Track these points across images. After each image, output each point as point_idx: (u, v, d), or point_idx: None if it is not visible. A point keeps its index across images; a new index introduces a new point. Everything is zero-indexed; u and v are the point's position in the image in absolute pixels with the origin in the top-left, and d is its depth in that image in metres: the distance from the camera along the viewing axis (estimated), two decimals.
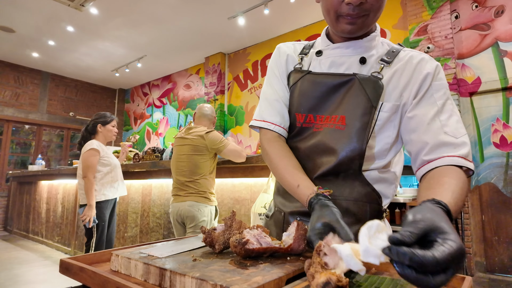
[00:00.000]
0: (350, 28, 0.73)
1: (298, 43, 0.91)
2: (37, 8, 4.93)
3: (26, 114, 7.38)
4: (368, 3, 0.71)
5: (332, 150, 0.75)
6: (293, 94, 0.83)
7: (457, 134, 0.69)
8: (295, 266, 0.57)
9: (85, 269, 0.58)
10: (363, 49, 0.78)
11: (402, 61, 0.77)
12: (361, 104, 0.73)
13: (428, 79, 0.73)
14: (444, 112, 0.71)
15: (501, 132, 3.76)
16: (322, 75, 0.79)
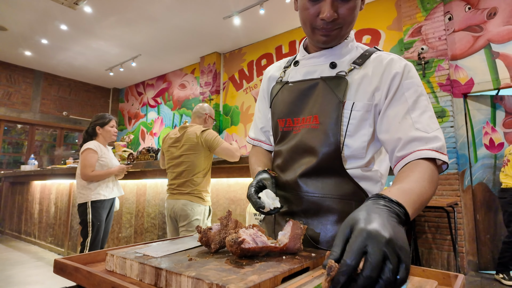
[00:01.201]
0: (325, 39, 0.80)
1: (283, 59, 1.01)
2: (30, 6, 4.88)
3: (18, 114, 7.29)
4: (340, 18, 0.76)
5: (311, 149, 0.80)
6: (275, 103, 0.91)
7: (429, 129, 0.71)
8: (291, 265, 0.58)
9: (80, 269, 0.58)
10: (335, 56, 0.85)
11: (372, 63, 0.81)
12: (330, 101, 0.79)
13: (397, 78, 0.76)
14: (416, 109, 0.73)
15: (490, 135, 3.84)
16: (296, 83, 0.87)
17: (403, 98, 0.75)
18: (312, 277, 0.55)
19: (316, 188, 0.79)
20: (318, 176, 0.80)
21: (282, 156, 0.88)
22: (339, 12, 0.75)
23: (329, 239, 0.79)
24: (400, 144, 0.72)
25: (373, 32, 4.64)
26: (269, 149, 1.01)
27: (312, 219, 0.80)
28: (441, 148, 0.69)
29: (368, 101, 0.77)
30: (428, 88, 3.87)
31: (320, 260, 0.64)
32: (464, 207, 3.65)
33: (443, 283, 0.57)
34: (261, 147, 1.02)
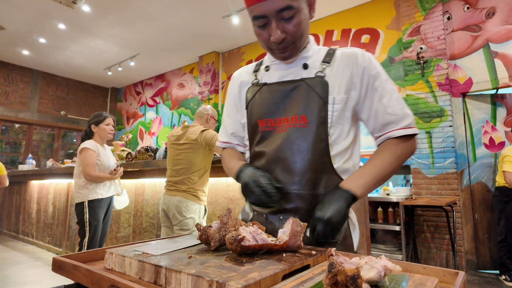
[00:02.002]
0: (282, 56, 0.86)
1: (250, 65, 1.04)
2: (28, 5, 4.86)
3: (16, 113, 7.26)
4: (289, 36, 0.81)
5: (302, 148, 0.83)
6: (253, 105, 0.93)
7: (398, 110, 0.84)
8: (291, 262, 0.57)
9: (79, 267, 0.57)
10: (304, 59, 0.90)
11: (340, 58, 0.88)
12: (315, 102, 0.84)
13: (366, 72, 0.86)
14: (385, 95, 0.85)
15: (490, 134, 3.85)
16: (276, 84, 0.90)
17: (373, 88, 0.86)
18: (312, 274, 0.54)
19: (308, 185, 0.83)
20: (309, 174, 0.83)
21: (266, 156, 0.88)
22: (286, 30, 0.80)
23: None
24: (378, 127, 0.86)
25: (372, 32, 4.64)
26: (242, 151, 1.04)
27: (304, 215, 0.82)
28: (410, 124, 0.84)
29: (345, 94, 0.85)
30: (427, 88, 3.88)
31: (320, 257, 0.63)
32: (462, 206, 3.66)
33: (444, 280, 0.56)
34: (235, 148, 1.05)
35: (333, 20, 5.06)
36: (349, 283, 0.42)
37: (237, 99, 1.01)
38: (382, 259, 0.51)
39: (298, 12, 0.79)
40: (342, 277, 0.42)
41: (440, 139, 3.73)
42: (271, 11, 0.77)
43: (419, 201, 3.40)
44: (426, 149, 3.82)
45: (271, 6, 0.76)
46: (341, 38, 4.92)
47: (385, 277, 0.50)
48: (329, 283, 0.43)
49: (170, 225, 2.33)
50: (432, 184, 3.73)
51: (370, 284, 0.48)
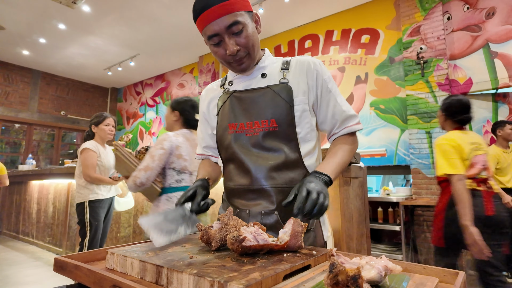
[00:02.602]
0: (240, 68, 0.94)
1: (215, 82, 1.14)
2: (28, 5, 4.86)
3: (16, 113, 7.26)
4: (242, 47, 0.90)
5: (271, 148, 0.92)
6: (224, 110, 1.00)
7: (349, 109, 0.98)
8: (292, 262, 0.57)
9: (80, 267, 0.58)
10: (260, 70, 1.00)
11: (295, 65, 0.98)
12: (283, 107, 0.92)
13: (319, 77, 0.97)
14: (337, 96, 0.98)
15: (491, 134, 3.85)
16: (244, 91, 0.98)
17: (327, 90, 0.97)
18: (313, 274, 0.55)
19: (284, 180, 0.91)
20: (284, 170, 0.92)
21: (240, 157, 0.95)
22: (239, 43, 0.89)
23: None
24: (337, 124, 0.98)
25: (372, 32, 4.64)
26: (216, 161, 1.14)
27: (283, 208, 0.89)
28: (358, 121, 0.99)
29: (303, 95, 0.95)
30: (427, 88, 3.88)
31: (321, 257, 0.64)
32: None
33: (444, 280, 0.57)
34: (209, 159, 1.15)
35: (333, 20, 5.06)
36: (350, 283, 0.42)
37: (206, 114, 1.10)
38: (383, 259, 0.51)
39: (245, 26, 0.89)
40: (343, 277, 0.42)
41: None
42: (221, 28, 0.86)
43: (419, 201, 3.41)
44: (426, 149, 3.82)
45: (221, 24, 0.86)
46: (341, 38, 4.92)
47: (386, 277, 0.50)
48: (330, 283, 0.43)
49: None
50: (432, 184, 3.74)
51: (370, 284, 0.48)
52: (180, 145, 1.82)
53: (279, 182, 0.91)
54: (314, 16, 5.13)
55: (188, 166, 1.85)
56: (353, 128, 0.98)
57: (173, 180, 1.82)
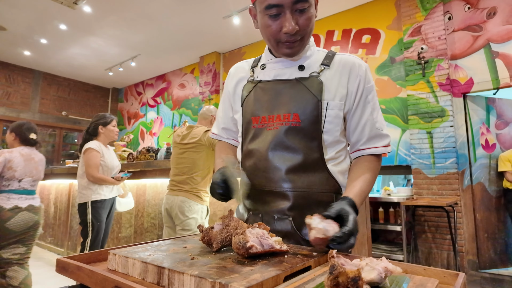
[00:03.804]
0: (289, 52, 0.85)
1: (247, 60, 1.04)
2: (29, 6, 4.87)
3: (17, 113, 7.28)
4: (301, 29, 0.81)
5: (294, 146, 0.84)
6: (248, 102, 0.93)
7: (383, 128, 0.90)
8: (293, 264, 0.58)
9: (83, 268, 0.58)
10: (301, 60, 0.90)
11: (338, 64, 0.89)
12: (309, 101, 0.84)
13: (362, 83, 0.88)
14: (375, 110, 0.90)
15: (486, 136, 3.88)
16: (271, 82, 0.91)
17: (366, 101, 0.89)
18: (314, 276, 0.55)
19: (303, 183, 0.84)
20: (303, 172, 0.84)
21: (257, 154, 0.88)
22: (299, 23, 0.80)
23: None
24: (364, 139, 0.89)
25: (372, 32, 4.64)
26: (234, 144, 1.07)
27: (300, 214, 0.83)
28: (388, 143, 0.91)
29: (340, 100, 0.86)
30: (428, 88, 3.88)
31: (321, 259, 0.64)
32: (464, 206, 3.65)
33: (444, 282, 0.57)
34: (228, 142, 1.08)
35: (334, 20, 5.06)
36: (350, 284, 0.42)
37: (231, 95, 1.01)
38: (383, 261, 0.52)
39: (310, 6, 0.80)
40: (343, 279, 0.43)
41: (441, 139, 3.73)
42: (287, 0, 0.77)
43: (420, 201, 3.40)
44: (427, 149, 3.82)
45: None
46: (342, 39, 4.92)
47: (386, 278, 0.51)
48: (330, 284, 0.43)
49: (173, 225, 2.34)
50: (433, 184, 3.73)
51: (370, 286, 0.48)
52: (13, 159, 2.38)
53: (297, 185, 0.83)
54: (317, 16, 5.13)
55: (17, 175, 2.39)
56: (380, 150, 0.89)
57: (2, 184, 2.38)
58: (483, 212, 3.74)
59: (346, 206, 0.73)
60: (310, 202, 0.84)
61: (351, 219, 0.69)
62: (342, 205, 0.72)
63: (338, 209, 0.71)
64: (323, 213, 0.70)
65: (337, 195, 0.87)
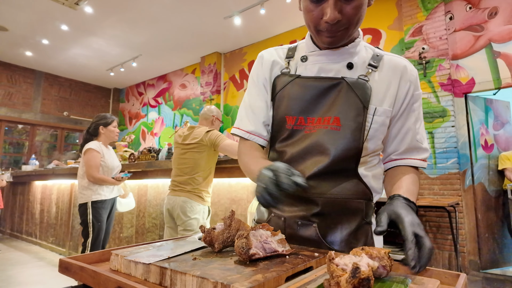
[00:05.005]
0: (330, 40, 0.76)
1: (280, 47, 0.91)
2: (31, 7, 4.89)
3: (19, 114, 7.30)
4: (345, 19, 0.72)
5: (326, 151, 0.77)
6: (282, 97, 0.83)
7: (423, 141, 0.84)
8: (294, 264, 0.58)
9: (86, 268, 0.58)
10: (348, 55, 0.80)
11: (387, 66, 0.81)
12: (353, 105, 0.76)
13: (411, 89, 0.81)
14: (419, 120, 0.84)
15: (485, 136, 3.89)
16: (312, 79, 0.80)
17: (412, 108, 0.83)
18: (315, 276, 0.55)
19: (329, 189, 0.78)
20: (330, 177, 0.78)
21: (288, 156, 0.81)
22: (344, 12, 0.71)
23: (345, 239, 0.79)
24: (401, 149, 0.84)
25: (374, 32, 4.64)
26: (264, 144, 0.88)
27: (325, 221, 0.79)
28: (426, 158, 0.85)
29: (389, 107, 0.80)
30: (429, 88, 3.87)
31: (322, 259, 0.64)
32: (465, 206, 3.65)
33: (445, 282, 0.57)
34: (257, 142, 0.87)
35: None
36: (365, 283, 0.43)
37: (267, 80, 0.87)
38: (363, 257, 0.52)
39: None
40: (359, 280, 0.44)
41: (443, 139, 3.72)
42: None
43: (422, 202, 3.39)
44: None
45: None
46: None
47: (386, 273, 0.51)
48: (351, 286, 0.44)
49: (174, 225, 2.35)
50: (434, 184, 3.73)
51: None
52: None
53: (326, 191, 0.77)
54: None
55: None
56: (415, 162, 0.83)
57: None
58: (484, 212, 3.73)
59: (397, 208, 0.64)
60: (337, 209, 0.79)
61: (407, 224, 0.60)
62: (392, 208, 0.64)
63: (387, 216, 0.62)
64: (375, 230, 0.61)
65: (367, 202, 0.82)
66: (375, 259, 0.53)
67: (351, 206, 0.80)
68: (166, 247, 0.70)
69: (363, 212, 0.81)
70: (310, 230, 0.78)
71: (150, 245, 0.74)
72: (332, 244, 0.79)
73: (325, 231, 0.79)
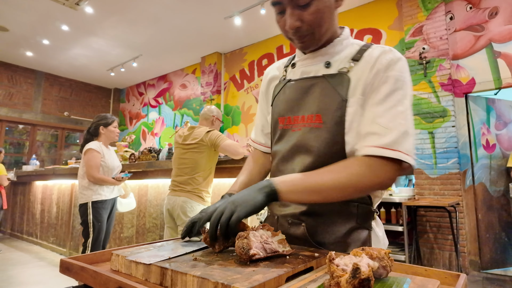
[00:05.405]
0: (301, 46, 0.80)
1: (284, 58, 0.97)
2: (32, 7, 4.89)
3: (20, 114, 7.31)
4: (305, 25, 0.74)
5: (311, 148, 0.77)
6: (276, 102, 0.89)
7: (389, 125, 0.69)
8: (294, 264, 0.58)
9: (86, 268, 0.59)
10: (328, 55, 0.82)
11: (366, 57, 0.77)
12: (333, 100, 0.76)
13: (380, 72, 0.73)
14: (385, 103, 0.71)
15: (486, 136, 3.89)
16: (298, 80, 0.85)
17: (377, 91, 0.73)
18: (315, 277, 0.55)
19: None
20: None
21: (278, 156, 0.86)
22: (303, 19, 0.74)
23: (334, 242, 0.78)
24: (358, 135, 0.73)
25: (374, 32, 4.64)
26: (267, 151, 0.99)
27: (315, 221, 0.79)
28: (391, 144, 0.67)
29: (360, 95, 0.75)
30: (430, 88, 3.87)
31: (323, 259, 0.64)
32: (465, 206, 3.65)
33: (445, 283, 0.57)
34: (260, 150, 1.01)
35: None
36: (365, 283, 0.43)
37: (264, 95, 0.98)
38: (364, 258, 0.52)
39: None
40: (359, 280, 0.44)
41: (443, 139, 3.72)
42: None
43: (422, 202, 3.40)
44: (428, 149, 3.82)
45: None
46: None
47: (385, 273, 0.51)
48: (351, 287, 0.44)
49: (174, 225, 2.35)
50: (435, 184, 3.73)
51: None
52: None
53: None
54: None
55: None
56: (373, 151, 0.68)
57: None
58: (485, 212, 3.73)
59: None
60: (326, 210, 0.78)
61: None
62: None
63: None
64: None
65: (362, 205, 0.79)
66: (375, 259, 0.53)
67: (341, 208, 0.78)
68: (167, 248, 0.70)
69: (355, 216, 0.78)
70: (299, 229, 0.79)
71: (151, 245, 0.74)
72: (322, 246, 0.78)
73: (314, 231, 0.78)
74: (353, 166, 0.69)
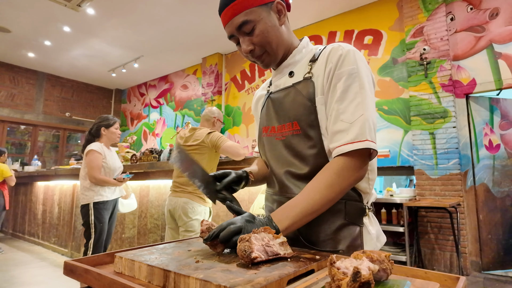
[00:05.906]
0: (263, 65, 0.89)
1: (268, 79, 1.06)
2: (34, 8, 4.91)
3: (21, 115, 7.34)
4: (257, 46, 0.84)
5: (299, 153, 0.83)
6: (262, 114, 0.98)
7: (352, 119, 0.74)
8: (296, 267, 0.59)
9: (90, 271, 0.59)
10: (291, 65, 0.91)
11: (322, 54, 0.84)
12: (304, 106, 0.82)
13: (332, 70, 0.79)
14: (345, 100, 0.76)
15: (489, 136, 3.87)
16: (276, 92, 0.92)
17: (334, 89, 0.78)
18: (317, 279, 0.56)
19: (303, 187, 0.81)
20: (307, 178, 0.80)
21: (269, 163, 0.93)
22: (253, 42, 0.83)
23: (325, 239, 0.81)
24: (328, 137, 0.79)
25: (374, 33, 4.64)
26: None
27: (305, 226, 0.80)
28: (356, 137, 0.73)
29: (321, 94, 0.81)
30: (430, 89, 3.88)
31: (324, 262, 0.65)
32: (466, 207, 3.65)
33: (445, 285, 0.58)
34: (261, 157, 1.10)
35: (335, 21, 5.06)
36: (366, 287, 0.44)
37: (254, 113, 1.09)
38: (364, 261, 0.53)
39: (258, 23, 0.81)
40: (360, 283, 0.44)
41: (444, 140, 3.73)
42: (233, 30, 0.83)
43: (423, 202, 3.40)
44: (429, 150, 3.82)
45: (231, 26, 0.82)
46: (344, 40, 4.92)
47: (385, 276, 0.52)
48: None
49: (176, 226, 2.36)
50: (435, 185, 3.73)
51: None
52: None
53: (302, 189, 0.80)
54: (317, 17, 5.14)
55: None
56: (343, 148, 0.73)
57: None
58: (486, 213, 3.73)
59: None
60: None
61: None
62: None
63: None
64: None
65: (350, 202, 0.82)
66: (375, 262, 0.54)
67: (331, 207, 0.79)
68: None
69: (344, 213, 0.81)
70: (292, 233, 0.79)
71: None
72: (313, 244, 0.81)
73: (305, 231, 0.81)
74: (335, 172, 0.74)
